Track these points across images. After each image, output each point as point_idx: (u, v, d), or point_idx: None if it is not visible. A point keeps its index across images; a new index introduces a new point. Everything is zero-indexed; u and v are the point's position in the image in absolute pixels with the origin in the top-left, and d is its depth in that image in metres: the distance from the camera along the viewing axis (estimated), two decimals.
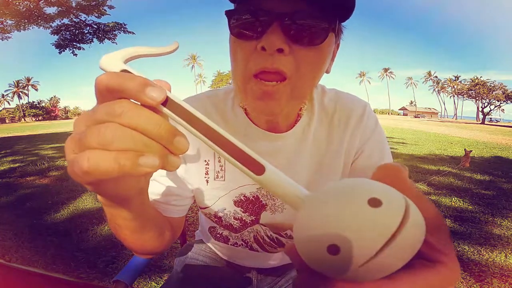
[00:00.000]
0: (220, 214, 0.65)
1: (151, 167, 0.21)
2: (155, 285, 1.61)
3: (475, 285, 1.63)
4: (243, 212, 0.63)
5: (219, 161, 0.60)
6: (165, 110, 0.23)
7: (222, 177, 0.61)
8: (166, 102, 0.23)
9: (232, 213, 0.64)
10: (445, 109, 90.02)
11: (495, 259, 1.91)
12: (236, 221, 0.65)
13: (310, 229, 0.19)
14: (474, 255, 1.96)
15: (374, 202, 0.17)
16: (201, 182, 0.61)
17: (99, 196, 0.32)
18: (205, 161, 0.60)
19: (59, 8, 10.79)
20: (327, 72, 0.50)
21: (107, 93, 0.22)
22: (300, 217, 0.20)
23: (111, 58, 0.25)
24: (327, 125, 0.59)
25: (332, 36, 0.44)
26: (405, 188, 0.20)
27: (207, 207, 0.65)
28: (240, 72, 0.44)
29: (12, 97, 75.87)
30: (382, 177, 0.21)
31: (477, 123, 40.11)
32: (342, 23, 0.47)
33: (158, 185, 0.58)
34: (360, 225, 0.17)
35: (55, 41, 11.70)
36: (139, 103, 0.22)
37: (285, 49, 0.40)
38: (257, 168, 0.22)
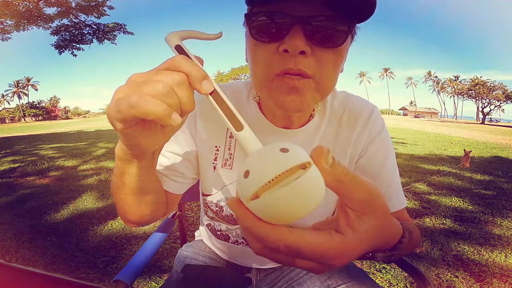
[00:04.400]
0: (222, 204, 0.66)
1: (175, 123, 0.28)
2: (155, 285, 1.61)
3: (475, 285, 1.63)
4: None
5: (229, 149, 0.62)
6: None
7: (230, 165, 0.63)
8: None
9: None
10: (445, 109, 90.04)
11: (495, 259, 1.91)
12: None
13: (242, 167, 0.25)
14: (474, 255, 1.96)
15: (284, 150, 0.24)
16: (209, 167, 0.63)
17: (120, 147, 0.38)
18: (216, 146, 0.62)
19: (59, 9, 10.77)
20: (341, 71, 0.51)
21: (174, 69, 0.30)
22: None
23: (173, 36, 0.34)
24: (335, 125, 0.61)
25: (349, 37, 0.45)
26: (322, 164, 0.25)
27: (210, 195, 0.66)
28: (262, 73, 0.45)
29: (12, 97, 75.87)
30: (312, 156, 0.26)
31: (477, 123, 40.07)
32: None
33: (165, 159, 0.60)
34: (267, 159, 0.24)
35: (55, 42, 11.68)
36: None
37: (307, 51, 0.41)
38: (239, 126, 0.31)
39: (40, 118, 69.44)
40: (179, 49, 0.33)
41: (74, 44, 11.82)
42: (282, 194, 0.22)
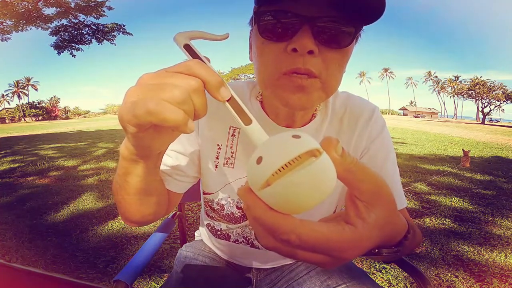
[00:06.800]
0: (223, 202, 0.67)
1: (190, 130, 0.29)
2: (155, 285, 1.61)
3: (475, 285, 1.63)
4: None
5: (231, 148, 0.63)
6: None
7: (231, 164, 0.63)
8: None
9: (235, 201, 0.66)
10: (445, 109, 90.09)
11: (495, 259, 1.91)
12: (238, 210, 0.67)
13: (253, 153, 0.25)
14: (474, 255, 1.96)
15: (296, 136, 0.24)
16: (210, 165, 0.64)
17: (126, 148, 0.38)
18: (218, 145, 0.63)
19: (58, 9, 10.76)
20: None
21: (190, 74, 0.29)
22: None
23: (181, 36, 0.34)
24: (337, 125, 0.62)
25: (355, 38, 0.45)
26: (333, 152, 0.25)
27: (211, 193, 0.67)
28: (269, 71, 0.45)
29: (12, 97, 75.86)
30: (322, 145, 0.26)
31: (477, 123, 40.08)
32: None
33: (168, 158, 0.61)
34: (281, 144, 0.24)
35: (54, 42, 11.68)
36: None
37: (315, 51, 0.41)
38: (247, 120, 0.31)
39: (40, 118, 69.37)
40: (188, 48, 0.33)
41: (73, 44, 11.82)
42: (294, 179, 0.22)
